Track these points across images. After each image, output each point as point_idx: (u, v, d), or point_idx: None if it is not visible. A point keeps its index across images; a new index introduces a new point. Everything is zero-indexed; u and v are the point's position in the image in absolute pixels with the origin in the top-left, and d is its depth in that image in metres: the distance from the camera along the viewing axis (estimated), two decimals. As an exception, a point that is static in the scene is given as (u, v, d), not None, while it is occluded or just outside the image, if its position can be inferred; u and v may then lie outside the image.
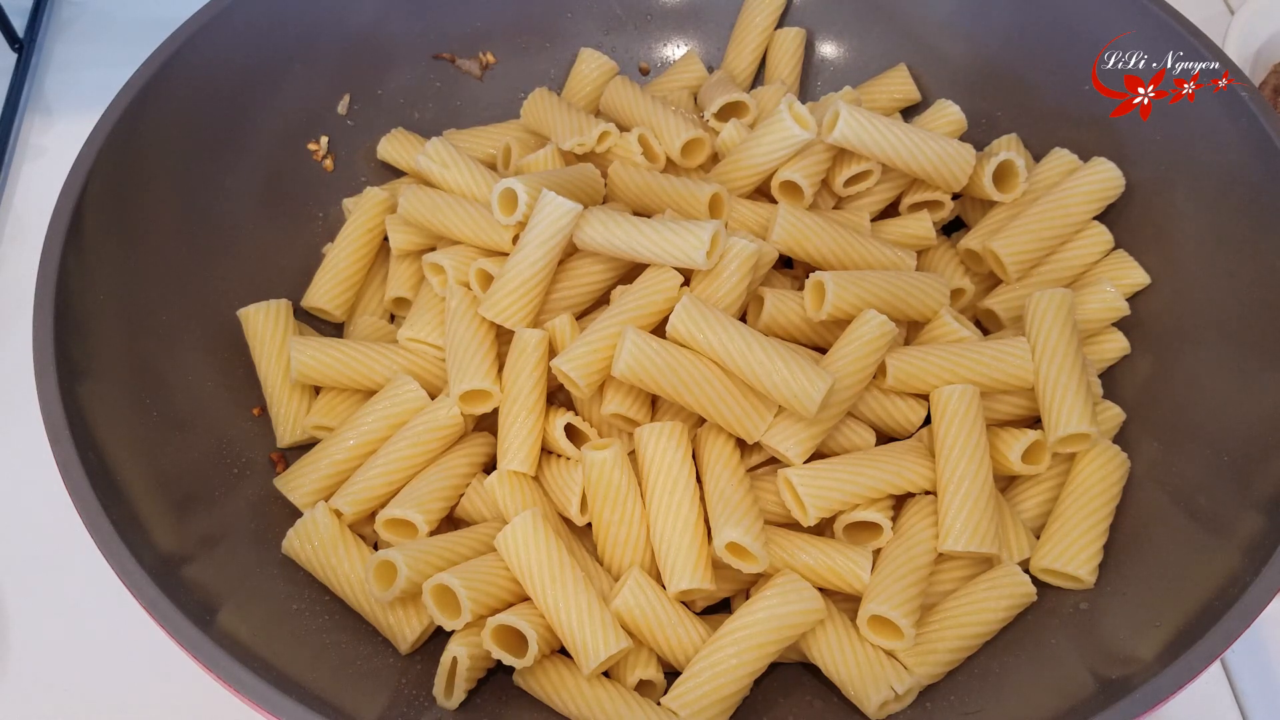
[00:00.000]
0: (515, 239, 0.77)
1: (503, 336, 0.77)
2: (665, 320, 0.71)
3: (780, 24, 1.00)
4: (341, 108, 0.94)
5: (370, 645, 0.70)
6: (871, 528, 0.72)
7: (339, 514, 0.73)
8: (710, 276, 0.73)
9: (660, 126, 0.88)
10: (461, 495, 0.75)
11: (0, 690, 0.77)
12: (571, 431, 0.75)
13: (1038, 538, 0.74)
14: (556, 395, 0.77)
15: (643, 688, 0.68)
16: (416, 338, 0.79)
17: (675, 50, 1.03)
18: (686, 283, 0.75)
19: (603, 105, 0.94)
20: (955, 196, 0.88)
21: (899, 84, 0.95)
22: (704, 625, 0.69)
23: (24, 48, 1.12)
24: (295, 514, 0.74)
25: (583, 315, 0.79)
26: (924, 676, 0.67)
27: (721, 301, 0.73)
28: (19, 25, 1.12)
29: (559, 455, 0.76)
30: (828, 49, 1.01)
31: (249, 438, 0.80)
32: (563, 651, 0.69)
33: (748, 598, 0.71)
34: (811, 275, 0.75)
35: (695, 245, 0.71)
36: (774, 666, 0.71)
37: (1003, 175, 0.85)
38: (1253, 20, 1.03)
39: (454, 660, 0.66)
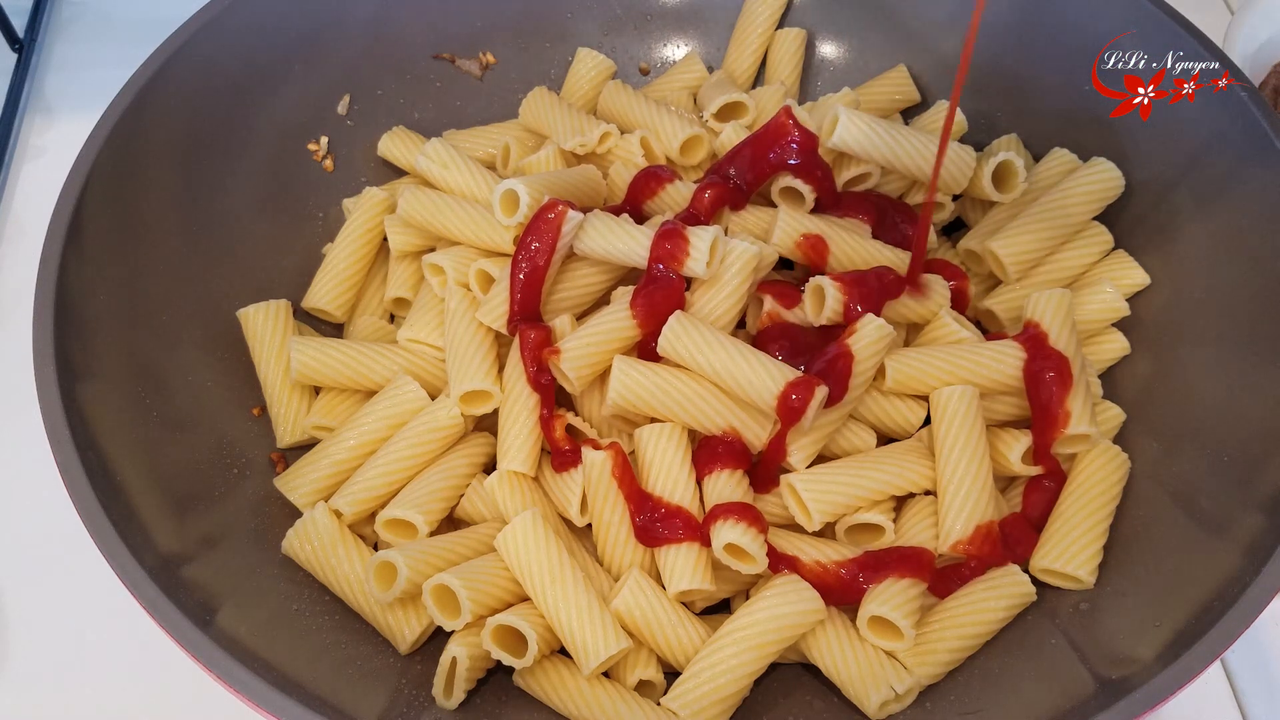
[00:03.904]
0: (515, 240, 0.77)
1: (502, 337, 0.77)
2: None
3: (780, 24, 1.00)
4: (341, 108, 0.94)
5: (370, 645, 0.70)
6: (873, 528, 0.73)
7: (339, 514, 0.73)
8: (711, 280, 0.73)
9: (658, 126, 0.88)
10: (461, 496, 0.75)
11: (0, 690, 0.77)
12: (571, 431, 0.75)
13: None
14: (557, 396, 0.77)
15: (643, 688, 0.68)
16: (416, 338, 0.79)
17: (675, 51, 1.03)
18: (688, 284, 0.75)
19: (600, 109, 0.94)
20: (955, 197, 0.88)
21: (899, 84, 0.95)
22: (704, 625, 0.69)
23: (24, 48, 1.12)
24: (295, 514, 0.74)
25: (582, 316, 0.79)
26: (924, 677, 0.67)
27: (722, 305, 0.73)
28: (19, 25, 1.12)
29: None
30: (828, 49, 1.01)
31: (249, 438, 0.80)
32: (563, 651, 0.69)
33: (748, 598, 0.71)
34: (811, 279, 0.75)
35: (696, 256, 0.71)
36: (774, 666, 0.71)
37: (1002, 175, 0.85)
38: (1253, 20, 1.03)
39: (453, 660, 0.66)
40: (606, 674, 0.68)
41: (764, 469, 0.72)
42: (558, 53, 1.01)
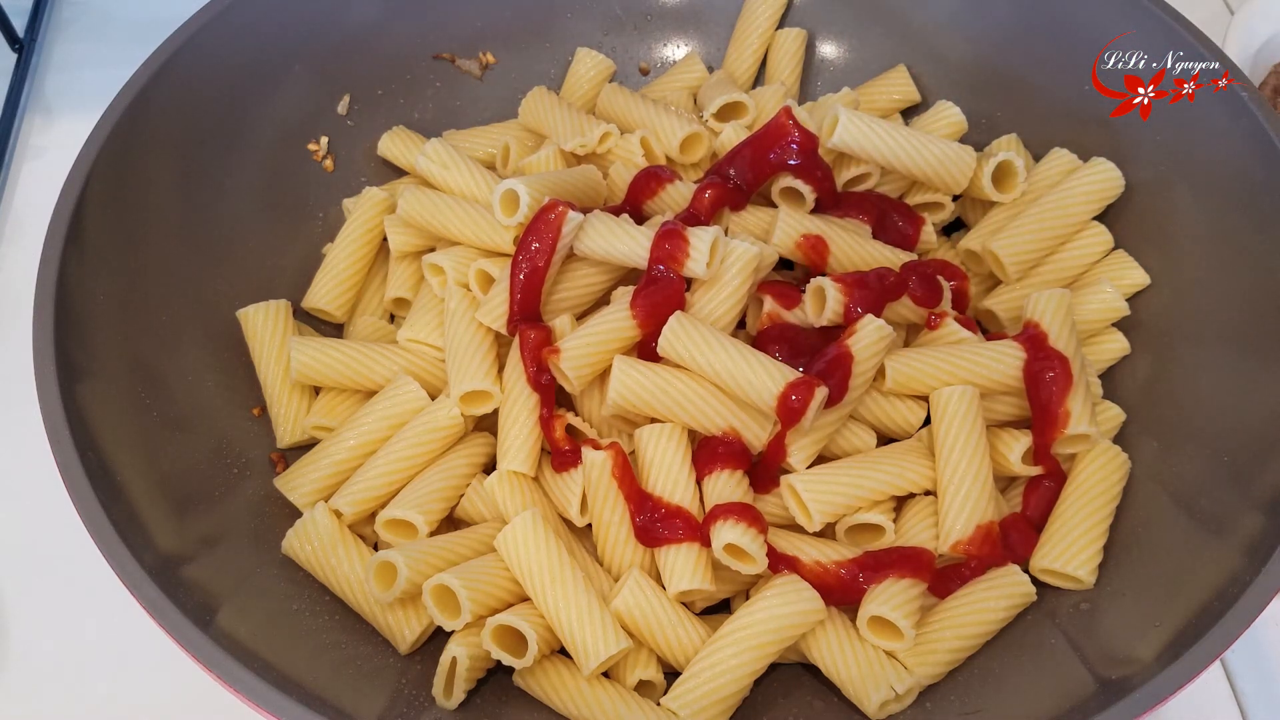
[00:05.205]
0: (515, 240, 0.77)
1: (502, 337, 0.77)
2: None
3: (781, 24, 1.00)
4: (341, 108, 0.94)
5: (370, 645, 0.70)
6: (873, 528, 0.73)
7: (339, 514, 0.73)
8: (711, 280, 0.73)
9: (657, 126, 0.88)
10: (461, 496, 0.75)
11: (0, 690, 0.77)
12: (571, 431, 0.75)
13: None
14: (557, 396, 0.77)
15: (643, 688, 0.68)
16: (416, 338, 0.79)
17: (675, 51, 1.03)
18: (689, 284, 0.75)
19: (599, 110, 0.94)
20: (956, 197, 0.88)
21: (899, 85, 0.95)
22: (704, 625, 0.69)
23: (24, 48, 1.12)
24: (295, 514, 0.74)
25: (582, 316, 0.79)
26: (924, 677, 0.67)
27: (722, 305, 0.73)
28: (19, 25, 1.12)
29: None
30: (828, 49, 1.01)
31: (249, 438, 0.80)
32: (563, 651, 0.69)
33: (748, 598, 0.71)
34: (812, 280, 0.75)
35: (696, 256, 0.71)
36: (774, 666, 0.71)
37: (1002, 175, 0.85)
38: (1253, 20, 1.03)
39: (453, 660, 0.66)
40: (606, 674, 0.68)
41: (764, 469, 0.72)
42: (558, 53, 1.01)
